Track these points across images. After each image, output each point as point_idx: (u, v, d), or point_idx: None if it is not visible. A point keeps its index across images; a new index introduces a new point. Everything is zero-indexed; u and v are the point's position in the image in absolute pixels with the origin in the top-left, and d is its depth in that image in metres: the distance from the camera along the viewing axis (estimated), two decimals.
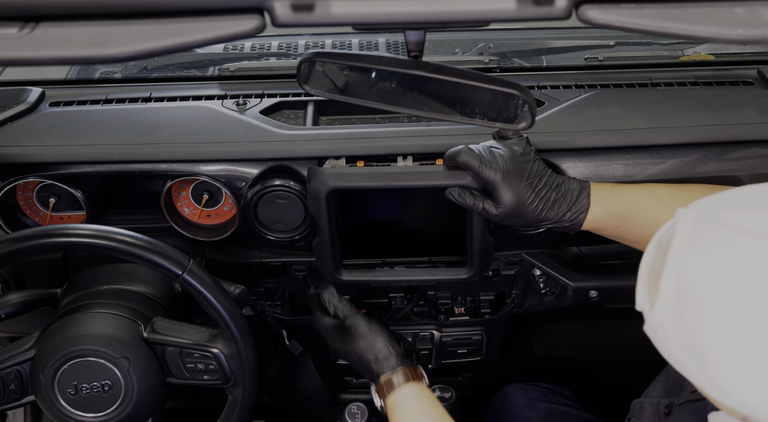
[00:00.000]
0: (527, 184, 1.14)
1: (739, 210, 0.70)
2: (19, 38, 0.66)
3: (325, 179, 1.26)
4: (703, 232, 0.70)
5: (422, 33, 0.88)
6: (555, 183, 1.17)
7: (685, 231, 0.72)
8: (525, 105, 0.98)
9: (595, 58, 1.59)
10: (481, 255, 1.37)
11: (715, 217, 0.70)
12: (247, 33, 0.67)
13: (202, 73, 1.66)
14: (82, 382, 1.22)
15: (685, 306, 0.70)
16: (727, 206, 0.71)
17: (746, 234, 0.67)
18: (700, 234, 0.71)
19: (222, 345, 1.25)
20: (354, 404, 1.59)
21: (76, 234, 1.17)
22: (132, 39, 0.67)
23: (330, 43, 1.72)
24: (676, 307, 0.71)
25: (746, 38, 0.67)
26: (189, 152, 1.33)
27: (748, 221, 0.68)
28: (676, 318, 0.71)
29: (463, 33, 1.77)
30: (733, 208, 0.71)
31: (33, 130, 1.37)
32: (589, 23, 0.68)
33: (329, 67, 0.99)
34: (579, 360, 1.74)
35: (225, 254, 1.49)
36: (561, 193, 1.17)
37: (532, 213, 1.15)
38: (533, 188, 1.15)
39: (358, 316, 1.31)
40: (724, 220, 0.69)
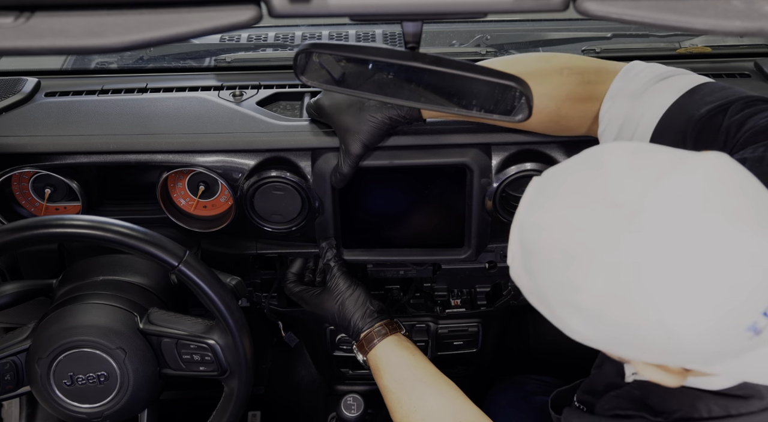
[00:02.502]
0: None
1: (575, 171, 0.80)
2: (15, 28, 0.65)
3: (330, 158, 1.31)
4: (540, 195, 0.82)
5: (419, 24, 0.88)
6: None
7: (529, 194, 0.84)
8: (522, 97, 0.98)
9: (592, 49, 1.59)
10: (478, 234, 1.39)
11: (554, 181, 0.81)
12: (244, 23, 0.67)
13: (198, 63, 1.65)
14: (77, 373, 1.22)
15: (527, 258, 0.81)
16: (568, 169, 0.81)
17: (572, 193, 0.78)
18: (538, 197, 0.82)
19: (218, 336, 1.25)
20: (350, 395, 1.59)
21: (71, 225, 1.17)
22: (128, 29, 0.66)
23: (327, 34, 1.72)
24: (523, 260, 0.82)
25: (744, 30, 0.66)
26: (185, 143, 1.33)
27: (574, 183, 0.79)
28: (525, 271, 0.82)
29: (460, 24, 1.77)
30: (572, 169, 0.81)
31: (28, 120, 1.37)
32: (587, 15, 0.68)
33: (326, 59, 0.98)
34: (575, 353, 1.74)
35: (221, 245, 1.49)
36: None
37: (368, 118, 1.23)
38: None
39: (341, 276, 1.38)
40: (559, 183, 0.80)
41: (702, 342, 0.73)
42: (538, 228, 0.80)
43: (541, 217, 0.80)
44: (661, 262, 0.71)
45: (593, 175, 0.78)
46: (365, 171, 1.34)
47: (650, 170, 0.75)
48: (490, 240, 1.47)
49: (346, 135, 1.26)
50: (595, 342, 0.80)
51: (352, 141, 1.26)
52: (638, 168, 0.76)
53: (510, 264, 0.86)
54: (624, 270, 0.72)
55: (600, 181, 0.77)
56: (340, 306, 1.36)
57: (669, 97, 1.07)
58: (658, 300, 0.72)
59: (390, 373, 1.29)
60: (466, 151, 1.31)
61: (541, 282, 0.80)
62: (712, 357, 0.76)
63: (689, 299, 0.71)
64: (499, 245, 1.50)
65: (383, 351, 1.31)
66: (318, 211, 1.37)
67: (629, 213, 0.73)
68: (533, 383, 1.70)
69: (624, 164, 0.77)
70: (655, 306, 0.72)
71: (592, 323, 0.76)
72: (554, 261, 0.77)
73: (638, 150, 0.79)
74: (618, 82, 1.14)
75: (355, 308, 1.35)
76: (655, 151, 0.79)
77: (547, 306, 0.81)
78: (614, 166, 0.77)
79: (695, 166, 0.74)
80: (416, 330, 1.62)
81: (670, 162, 0.76)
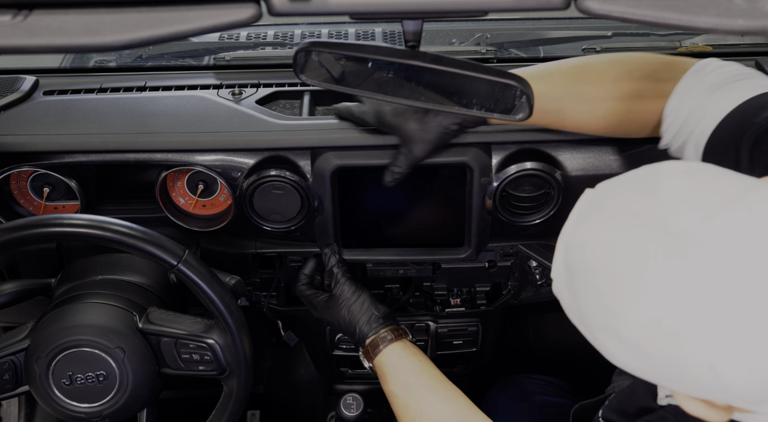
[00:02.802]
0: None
1: (628, 190, 0.76)
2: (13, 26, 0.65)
3: (330, 157, 1.30)
4: (590, 212, 0.77)
5: (419, 23, 0.88)
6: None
7: (578, 209, 0.79)
8: (523, 96, 0.98)
9: (592, 48, 1.59)
10: (478, 233, 1.39)
11: (605, 198, 0.76)
12: (244, 22, 0.67)
13: (197, 62, 1.65)
14: (76, 372, 1.22)
15: (571, 277, 0.77)
16: (621, 186, 0.77)
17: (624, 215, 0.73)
18: (587, 214, 0.77)
19: (217, 335, 1.24)
20: (349, 395, 1.59)
21: (70, 224, 1.17)
22: (127, 27, 0.66)
23: (326, 32, 1.72)
24: (567, 279, 0.78)
25: (746, 29, 0.66)
26: (184, 142, 1.32)
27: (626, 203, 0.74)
28: (568, 290, 0.78)
29: (461, 23, 1.76)
30: (625, 188, 0.76)
31: (27, 118, 1.36)
32: (588, 13, 0.68)
33: (325, 57, 0.98)
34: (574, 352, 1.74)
35: (220, 244, 1.48)
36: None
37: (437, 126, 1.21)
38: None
39: (346, 283, 1.37)
40: (609, 201, 0.76)
41: (753, 387, 0.69)
42: (583, 247, 0.76)
43: (586, 235, 0.76)
44: (717, 301, 0.66)
45: (647, 196, 0.73)
46: (365, 170, 1.34)
47: (711, 198, 0.70)
48: (490, 239, 1.47)
49: (412, 140, 1.24)
50: (637, 371, 0.76)
51: (418, 145, 1.24)
52: (698, 194, 0.71)
53: (554, 279, 0.82)
54: (674, 305, 0.68)
55: (654, 203, 0.72)
56: (346, 312, 1.34)
57: (734, 99, 1.03)
58: (709, 340, 0.67)
59: (396, 379, 1.27)
60: (466, 150, 1.31)
61: (584, 303, 0.76)
62: (761, 399, 0.71)
63: (743, 343, 0.66)
64: (499, 244, 1.50)
65: (389, 356, 1.29)
66: (317, 210, 1.37)
67: (685, 242, 0.68)
68: (533, 382, 1.70)
69: (682, 188, 0.72)
70: (705, 347, 0.67)
71: (635, 354, 0.73)
72: (598, 285, 0.73)
73: (698, 172, 0.74)
74: (689, 80, 1.11)
75: (360, 314, 1.34)
76: (716, 175, 0.74)
77: (588, 328, 0.77)
78: (671, 189, 0.72)
79: (762, 198, 0.69)
80: (416, 330, 1.62)
81: (735, 191, 0.70)
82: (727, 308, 0.66)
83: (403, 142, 1.26)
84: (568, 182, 1.34)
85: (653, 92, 1.14)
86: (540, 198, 1.36)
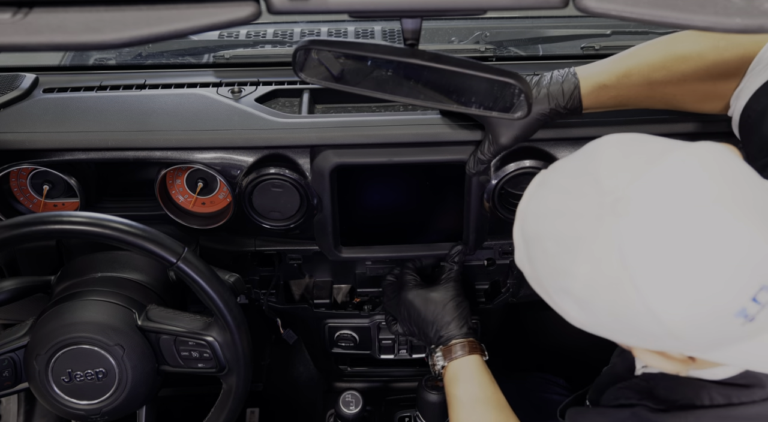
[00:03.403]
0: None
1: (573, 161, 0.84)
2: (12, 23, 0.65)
3: (329, 155, 1.31)
4: (540, 185, 0.85)
5: (419, 21, 0.88)
6: (539, 79, 1.21)
7: (532, 185, 0.87)
8: (521, 94, 0.98)
9: (591, 47, 1.59)
10: (476, 229, 1.40)
11: (553, 171, 0.85)
12: (243, 20, 0.67)
13: (197, 60, 1.65)
14: (76, 370, 1.22)
15: (528, 246, 0.84)
16: (565, 163, 0.85)
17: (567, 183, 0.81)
18: (538, 188, 0.85)
19: (216, 333, 1.25)
20: (348, 392, 1.59)
21: (70, 221, 1.17)
22: (126, 25, 0.66)
23: (326, 30, 1.72)
24: (525, 248, 0.85)
25: (743, 28, 0.66)
26: (184, 140, 1.33)
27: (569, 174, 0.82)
28: (527, 258, 0.85)
29: (460, 21, 1.76)
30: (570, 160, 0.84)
31: (26, 116, 1.36)
32: (587, 12, 0.68)
33: (325, 55, 0.98)
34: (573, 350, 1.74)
35: (220, 242, 1.48)
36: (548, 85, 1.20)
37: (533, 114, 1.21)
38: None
39: (457, 282, 1.42)
40: (557, 173, 0.84)
41: (691, 328, 0.74)
42: (535, 217, 0.83)
43: (537, 206, 0.83)
44: (645, 248, 0.73)
45: (587, 164, 0.81)
46: (364, 168, 1.34)
47: (639, 157, 0.78)
48: (489, 237, 1.47)
49: (499, 127, 1.23)
50: (591, 327, 0.82)
51: (504, 132, 1.23)
52: (628, 156, 0.78)
53: (515, 252, 0.89)
54: (608, 257, 0.74)
55: (591, 169, 0.79)
56: (441, 308, 1.37)
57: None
58: (642, 286, 0.73)
59: (467, 387, 1.30)
60: (465, 149, 1.31)
61: (539, 268, 0.83)
62: (707, 344, 0.77)
63: (673, 284, 0.72)
64: (497, 242, 1.51)
65: (468, 364, 1.31)
66: (316, 208, 1.37)
67: (615, 200, 0.75)
68: (532, 380, 1.70)
69: (616, 154, 0.80)
70: (640, 292, 0.73)
71: (585, 309, 0.79)
72: (548, 248, 0.80)
73: (633, 140, 0.81)
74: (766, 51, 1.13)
75: (455, 315, 1.36)
76: (646, 141, 0.81)
77: (546, 292, 0.84)
78: (607, 155, 0.80)
79: (685, 154, 0.76)
80: None
81: (661, 150, 0.78)
82: (654, 252, 0.73)
83: (489, 130, 1.25)
84: None
85: (737, 62, 1.15)
86: None
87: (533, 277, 0.86)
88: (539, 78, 1.21)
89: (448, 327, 1.35)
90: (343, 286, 1.64)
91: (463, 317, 1.37)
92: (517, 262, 0.89)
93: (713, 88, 1.18)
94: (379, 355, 1.68)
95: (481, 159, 1.28)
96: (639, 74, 1.18)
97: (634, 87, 1.19)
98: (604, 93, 1.20)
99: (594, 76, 1.19)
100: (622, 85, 1.19)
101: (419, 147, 1.32)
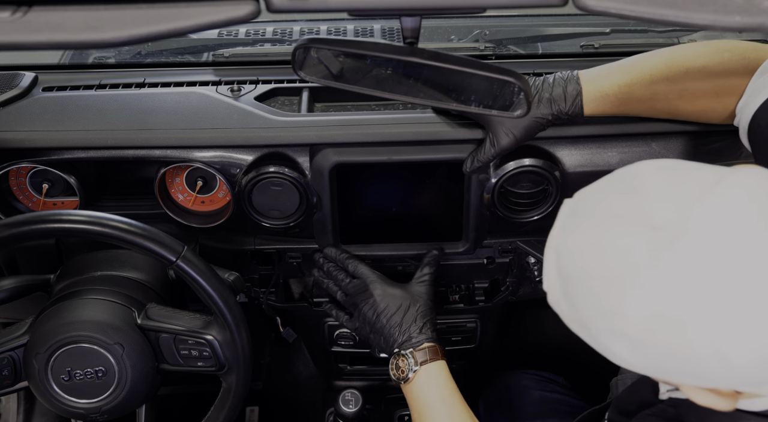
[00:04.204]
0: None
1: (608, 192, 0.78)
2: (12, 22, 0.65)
3: (328, 154, 1.31)
4: (574, 218, 0.79)
5: (418, 19, 0.88)
6: (542, 83, 1.20)
7: (562, 218, 0.81)
8: (521, 92, 0.98)
9: (590, 45, 1.59)
10: (476, 228, 1.40)
11: (587, 203, 0.79)
12: (242, 18, 0.67)
13: (196, 58, 1.65)
14: (75, 368, 1.22)
15: (565, 285, 0.78)
16: (601, 190, 0.79)
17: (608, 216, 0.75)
18: (572, 220, 0.79)
19: (216, 331, 1.25)
20: (348, 391, 1.59)
21: (69, 220, 1.17)
22: (126, 24, 0.66)
23: (325, 29, 1.72)
24: (562, 286, 0.79)
25: (743, 26, 0.66)
26: (183, 138, 1.32)
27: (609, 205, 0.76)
28: (564, 296, 0.79)
29: (459, 20, 1.76)
30: (605, 191, 0.78)
31: (26, 115, 1.36)
32: (586, 10, 0.68)
33: (324, 54, 0.98)
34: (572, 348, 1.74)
35: (219, 241, 1.48)
36: (550, 89, 1.19)
37: (532, 115, 1.19)
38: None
39: (431, 283, 1.37)
40: (592, 205, 0.78)
41: (758, 366, 0.70)
42: (574, 253, 0.77)
43: (575, 241, 0.77)
44: (712, 285, 0.68)
45: (628, 196, 0.75)
46: (363, 166, 1.34)
47: (690, 189, 0.72)
48: (489, 235, 1.47)
49: (500, 129, 1.22)
50: (643, 369, 0.77)
51: (505, 135, 1.23)
52: (676, 185, 0.73)
53: (548, 291, 0.83)
54: (669, 296, 0.69)
55: (636, 202, 0.74)
56: (421, 307, 1.32)
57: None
58: (709, 326, 0.68)
59: (441, 392, 1.25)
60: (464, 147, 1.31)
61: (582, 309, 0.77)
62: (764, 380, 0.73)
63: (744, 323, 0.68)
64: (497, 241, 1.51)
65: (441, 368, 1.27)
66: (316, 206, 1.37)
67: (672, 235, 0.70)
68: (531, 378, 1.70)
69: (660, 184, 0.74)
70: (706, 333, 0.68)
71: (639, 351, 0.73)
72: (593, 287, 0.74)
73: (675, 168, 0.76)
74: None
75: (429, 316, 1.32)
76: (691, 168, 0.76)
77: (591, 334, 0.78)
78: (651, 186, 0.75)
79: (737, 182, 0.72)
80: None
81: (712, 179, 0.73)
82: (724, 291, 0.67)
83: (490, 131, 1.24)
84: (567, 179, 1.34)
85: (742, 73, 1.15)
86: (538, 194, 1.36)
87: (572, 318, 0.80)
88: (542, 81, 1.20)
89: (421, 329, 1.30)
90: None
91: (434, 321, 1.33)
92: (550, 302, 0.83)
93: (717, 98, 1.17)
94: (378, 354, 1.68)
95: (480, 159, 1.28)
96: (641, 84, 1.18)
97: (637, 96, 1.19)
98: (605, 101, 1.19)
99: (597, 84, 1.19)
100: (624, 94, 1.19)
101: (419, 145, 1.32)
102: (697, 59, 1.17)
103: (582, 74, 1.20)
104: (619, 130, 1.31)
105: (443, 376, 1.26)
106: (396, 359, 1.30)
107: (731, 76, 1.15)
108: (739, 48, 1.17)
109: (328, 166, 1.31)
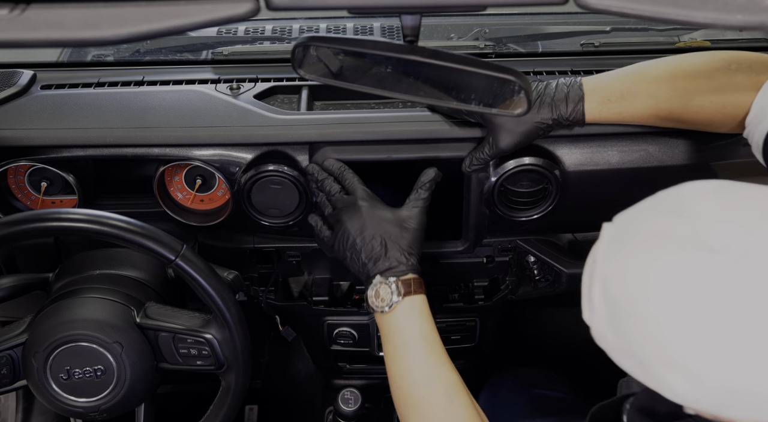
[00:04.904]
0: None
1: (655, 216, 0.74)
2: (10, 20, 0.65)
3: (328, 152, 1.31)
4: (620, 243, 0.74)
5: (418, 17, 0.88)
6: (545, 88, 1.20)
7: (606, 243, 0.76)
8: (521, 91, 0.98)
9: (591, 43, 1.59)
10: (476, 227, 1.39)
11: (632, 227, 0.75)
12: (241, 16, 0.67)
13: (195, 56, 1.65)
14: (74, 367, 1.22)
15: (614, 314, 0.73)
16: (646, 213, 0.75)
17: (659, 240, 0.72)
18: (618, 245, 0.75)
19: (215, 330, 1.24)
20: (347, 389, 1.59)
21: (68, 218, 1.17)
22: (125, 21, 0.66)
23: (324, 27, 1.71)
24: (609, 316, 0.74)
25: (744, 24, 0.66)
26: (182, 136, 1.32)
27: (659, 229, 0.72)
28: (612, 326, 0.74)
29: (459, 18, 1.76)
30: (651, 214, 0.75)
31: (24, 113, 1.36)
32: (587, 8, 0.67)
33: (324, 52, 0.98)
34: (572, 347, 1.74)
35: (218, 239, 1.48)
36: (552, 94, 1.19)
37: (533, 120, 1.19)
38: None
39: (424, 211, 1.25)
40: (638, 229, 0.74)
41: None
42: (623, 280, 0.72)
43: (623, 268, 0.73)
44: None
45: (678, 219, 0.72)
46: (363, 165, 1.34)
47: (750, 212, 0.70)
48: (488, 234, 1.47)
49: (501, 131, 1.22)
50: (703, 404, 0.72)
51: (505, 137, 1.22)
52: (732, 211, 0.71)
53: (590, 323, 0.78)
54: (739, 323, 0.65)
55: (687, 225, 0.71)
56: (411, 231, 1.20)
57: None
58: None
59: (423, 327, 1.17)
60: (463, 145, 1.31)
61: (634, 339, 0.72)
62: None
63: None
64: (496, 240, 1.50)
65: (423, 302, 1.18)
66: (315, 205, 1.37)
67: (733, 257, 0.67)
68: (531, 376, 1.70)
69: (713, 207, 0.72)
70: None
71: (698, 384, 0.69)
72: (648, 316, 0.70)
73: (723, 190, 0.74)
74: None
75: (418, 244, 1.21)
76: (744, 190, 0.73)
77: (643, 366, 0.73)
78: (702, 209, 0.71)
79: None
80: None
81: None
82: None
83: (491, 132, 1.24)
84: (567, 177, 1.34)
85: (748, 84, 1.13)
86: (538, 193, 1.36)
87: (620, 349, 0.75)
88: (544, 86, 1.20)
89: (407, 258, 1.18)
90: (342, 283, 1.64)
91: (420, 251, 1.20)
92: (594, 334, 0.78)
93: (723, 109, 1.16)
94: (378, 352, 1.68)
95: (478, 159, 1.27)
96: (645, 93, 1.18)
97: (640, 105, 1.18)
98: (608, 108, 1.19)
99: (599, 91, 1.19)
100: (627, 102, 1.18)
101: (418, 144, 1.32)
102: (703, 70, 1.16)
103: (585, 81, 1.20)
104: (620, 129, 1.31)
105: (425, 312, 1.18)
106: (377, 286, 1.17)
107: (738, 88, 1.14)
108: (746, 59, 1.16)
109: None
